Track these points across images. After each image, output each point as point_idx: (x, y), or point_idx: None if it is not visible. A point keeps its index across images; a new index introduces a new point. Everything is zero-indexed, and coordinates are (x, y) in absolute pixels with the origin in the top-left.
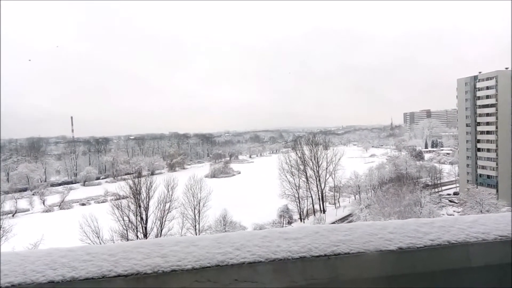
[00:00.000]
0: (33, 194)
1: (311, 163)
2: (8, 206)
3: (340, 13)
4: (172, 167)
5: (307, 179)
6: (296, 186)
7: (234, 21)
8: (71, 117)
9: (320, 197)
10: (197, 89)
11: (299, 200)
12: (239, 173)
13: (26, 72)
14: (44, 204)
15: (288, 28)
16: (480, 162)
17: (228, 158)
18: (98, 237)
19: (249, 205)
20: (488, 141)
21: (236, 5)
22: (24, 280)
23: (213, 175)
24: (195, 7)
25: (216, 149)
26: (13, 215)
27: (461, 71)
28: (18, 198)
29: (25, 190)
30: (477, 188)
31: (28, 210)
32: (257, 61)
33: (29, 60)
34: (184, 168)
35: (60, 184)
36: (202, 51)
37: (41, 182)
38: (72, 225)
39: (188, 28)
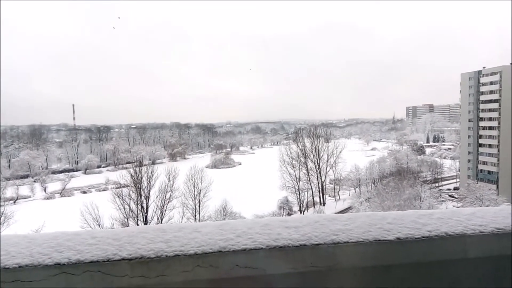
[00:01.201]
0: (35, 181)
1: (312, 156)
2: (9, 192)
3: (347, 8)
4: (173, 157)
5: (308, 172)
6: (296, 178)
7: (240, 13)
8: (73, 105)
9: (320, 189)
10: (200, 79)
11: (299, 192)
12: (240, 164)
13: (30, 59)
14: (45, 191)
15: (294, 22)
16: (481, 158)
17: (229, 149)
18: (99, 225)
19: (250, 196)
20: (490, 136)
21: None
22: (31, 261)
23: (214, 165)
24: None
25: (218, 140)
26: (14, 202)
27: (466, 68)
28: (20, 185)
29: (26, 177)
30: (477, 183)
31: (29, 197)
32: (262, 53)
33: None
34: (185, 158)
35: (61, 172)
36: (207, 42)
37: (42, 169)
38: (73, 212)
39: (193, 19)
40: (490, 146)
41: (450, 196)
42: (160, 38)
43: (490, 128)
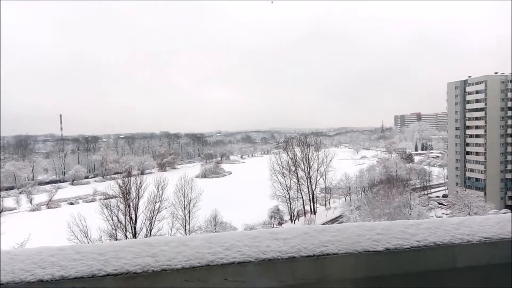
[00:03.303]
0: (20, 193)
1: (302, 164)
2: None
3: (336, 18)
4: (162, 167)
5: (298, 180)
6: (287, 187)
7: (230, 22)
8: (60, 115)
9: (311, 198)
10: (190, 89)
11: (289, 201)
12: (230, 173)
13: (15, 68)
14: (31, 203)
15: (284, 32)
16: (469, 165)
17: (219, 158)
18: (86, 237)
19: (240, 205)
20: (477, 144)
21: (234, 5)
22: (12, 279)
23: (204, 175)
24: (192, 6)
25: (207, 149)
26: None
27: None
28: (5, 197)
29: (12, 188)
30: (465, 190)
31: (14, 209)
32: (252, 62)
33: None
34: (174, 168)
35: (48, 183)
36: (196, 52)
37: (28, 180)
38: (59, 224)
39: (181, 28)
40: (477, 153)
41: (439, 203)
42: (149, 47)
43: (477, 136)
